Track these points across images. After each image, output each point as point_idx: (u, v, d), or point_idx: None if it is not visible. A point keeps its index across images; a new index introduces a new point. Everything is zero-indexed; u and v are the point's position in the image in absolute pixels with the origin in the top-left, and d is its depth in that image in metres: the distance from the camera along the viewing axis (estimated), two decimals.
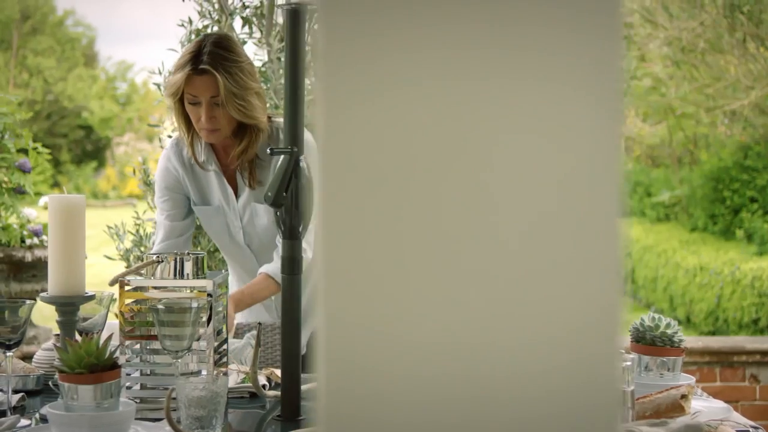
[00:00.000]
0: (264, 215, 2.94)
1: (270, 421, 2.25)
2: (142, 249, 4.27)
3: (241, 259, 3.00)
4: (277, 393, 2.40)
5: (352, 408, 0.60)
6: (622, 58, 0.58)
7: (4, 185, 4.39)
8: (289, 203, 2.18)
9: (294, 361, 2.21)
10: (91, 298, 2.25)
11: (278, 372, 2.60)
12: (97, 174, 36.99)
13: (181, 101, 2.82)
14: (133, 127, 39.23)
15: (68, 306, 2.19)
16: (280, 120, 2.97)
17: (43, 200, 5.22)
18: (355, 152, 0.56)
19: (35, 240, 4.84)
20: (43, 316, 8.48)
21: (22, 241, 4.82)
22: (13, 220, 4.71)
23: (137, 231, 4.37)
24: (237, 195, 2.95)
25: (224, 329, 2.31)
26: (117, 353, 1.99)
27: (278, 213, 2.20)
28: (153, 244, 3.09)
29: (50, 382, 2.15)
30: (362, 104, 0.56)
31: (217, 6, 3.98)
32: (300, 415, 2.21)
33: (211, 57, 2.73)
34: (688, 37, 10.15)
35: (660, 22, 10.32)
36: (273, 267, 2.86)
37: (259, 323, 2.33)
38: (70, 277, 2.20)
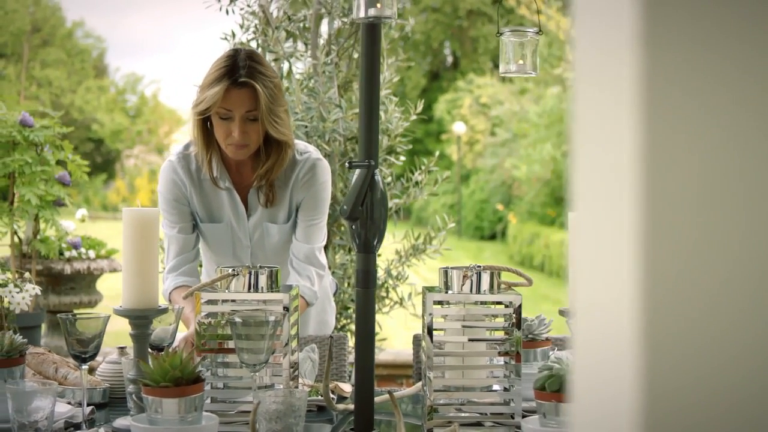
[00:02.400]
0: (276, 235, 2.91)
1: None
2: None
3: None
4: (347, 406, 2.40)
5: (676, 409, 0.60)
6: None
7: (43, 198, 4.39)
8: (364, 216, 2.18)
9: (368, 373, 2.21)
10: (164, 311, 2.25)
11: (342, 385, 2.60)
12: (107, 186, 37.09)
13: (204, 118, 2.78)
14: (142, 139, 39.36)
15: (142, 319, 2.19)
16: (296, 141, 2.96)
17: (80, 213, 5.23)
18: (681, 159, 0.56)
19: (74, 252, 4.84)
20: None
21: (60, 253, 4.82)
22: (51, 232, 4.71)
23: None
24: (248, 214, 2.91)
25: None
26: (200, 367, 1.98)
27: (353, 226, 2.19)
28: (167, 258, 2.98)
29: (133, 395, 2.14)
30: (687, 111, 0.56)
31: (262, 18, 3.97)
32: (373, 428, 2.21)
33: (250, 70, 2.69)
34: None
35: None
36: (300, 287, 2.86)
37: (331, 336, 2.33)
38: (144, 290, 2.19)
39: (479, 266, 2.21)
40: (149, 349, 2.24)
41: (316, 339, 2.94)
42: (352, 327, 4.27)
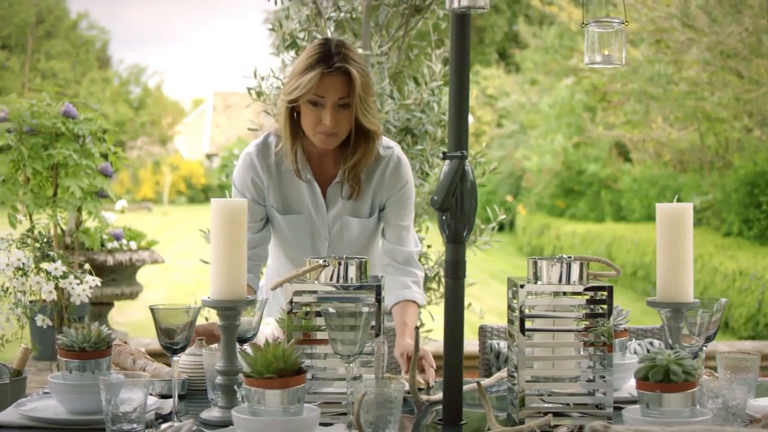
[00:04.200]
0: (356, 228, 2.90)
1: (431, 426, 2.24)
2: None
3: None
4: (431, 397, 2.39)
5: None
6: None
7: (86, 190, 4.38)
8: (454, 207, 2.17)
9: (457, 365, 2.21)
10: (252, 302, 2.24)
11: (418, 376, 2.59)
12: (111, 178, 37.00)
13: (291, 108, 2.77)
14: (146, 131, 39.31)
15: (231, 310, 2.18)
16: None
17: (120, 204, 5.22)
18: None
19: (115, 244, 4.83)
20: (114, 321, 8.46)
21: (102, 245, 4.81)
22: (93, 223, 4.70)
23: None
24: (327, 207, 2.90)
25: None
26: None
27: (444, 217, 2.19)
28: None
29: (234, 386, 2.13)
30: None
31: (313, 9, 3.95)
32: (461, 419, 2.20)
33: (344, 57, 2.69)
34: (731, 42, 10.11)
35: (700, 27, 10.29)
36: (408, 293, 2.86)
37: (417, 328, 2.32)
38: (232, 281, 2.18)
39: (569, 257, 2.21)
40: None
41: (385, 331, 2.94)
42: None
